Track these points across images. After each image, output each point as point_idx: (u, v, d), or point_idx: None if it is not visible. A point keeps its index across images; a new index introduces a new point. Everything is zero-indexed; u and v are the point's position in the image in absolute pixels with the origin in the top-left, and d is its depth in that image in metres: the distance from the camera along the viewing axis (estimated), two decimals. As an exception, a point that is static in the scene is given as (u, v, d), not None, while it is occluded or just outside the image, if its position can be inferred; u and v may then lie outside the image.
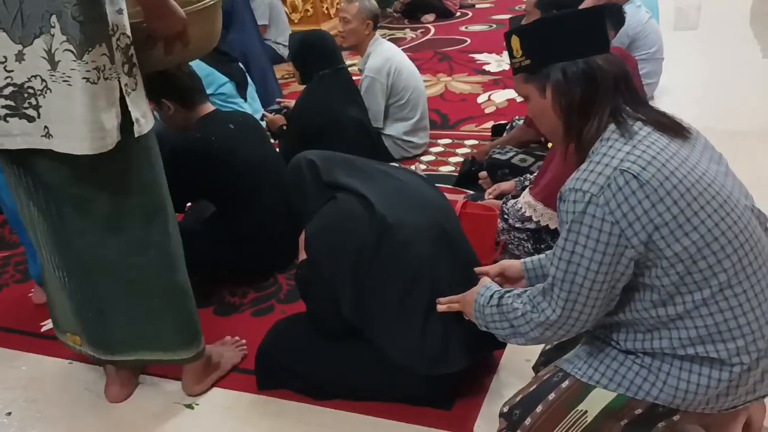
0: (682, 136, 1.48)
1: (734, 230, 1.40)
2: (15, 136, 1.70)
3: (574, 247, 1.41)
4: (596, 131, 1.46)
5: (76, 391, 2.21)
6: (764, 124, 4.01)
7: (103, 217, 1.84)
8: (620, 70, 1.49)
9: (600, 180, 1.38)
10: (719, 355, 1.42)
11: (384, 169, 2.10)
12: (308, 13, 6.60)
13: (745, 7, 7.46)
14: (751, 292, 1.42)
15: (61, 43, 1.59)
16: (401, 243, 1.88)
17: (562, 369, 1.61)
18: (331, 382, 2.02)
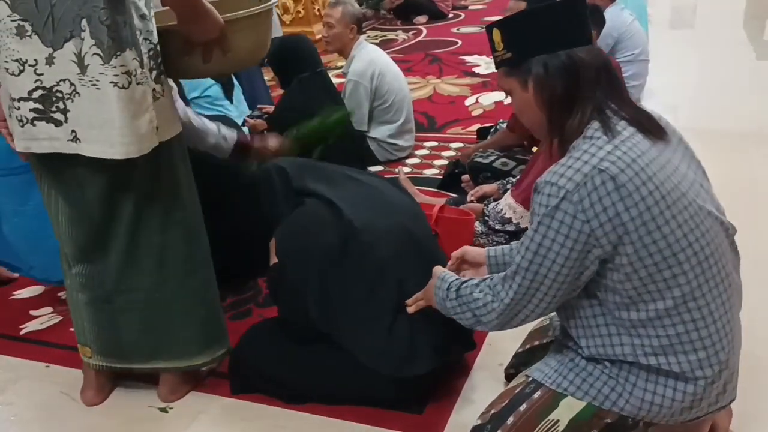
0: (663, 140, 1.47)
1: (701, 242, 1.40)
2: (41, 140, 1.72)
3: (543, 240, 1.41)
4: (579, 125, 1.44)
5: (52, 395, 2.21)
6: (759, 126, 4.03)
7: (129, 221, 1.87)
8: (602, 62, 1.47)
9: (577, 177, 1.36)
10: (681, 368, 1.43)
11: (353, 175, 2.13)
12: (300, 15, 6.60)
13: (740, 9, 7.48)
14: (713, 305, 1.42)
15: (90, 47, 1.61)
16: (367, 246, 1.90)
17: (534, 379, 1.61)
18: (303, 386, 2.03)
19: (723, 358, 1.44)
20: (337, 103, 3.36)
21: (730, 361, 1.48)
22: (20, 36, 1.63)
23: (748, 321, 2.25)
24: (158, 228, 1.91)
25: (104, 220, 1.87)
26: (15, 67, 1.66)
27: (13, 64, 1.66)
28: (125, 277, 1.95)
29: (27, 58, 1.64)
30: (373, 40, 6.59)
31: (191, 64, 1.81)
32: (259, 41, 1.92)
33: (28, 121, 1.70)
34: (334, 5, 3.68)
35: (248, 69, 4.46)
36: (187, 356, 2.08)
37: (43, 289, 2.82)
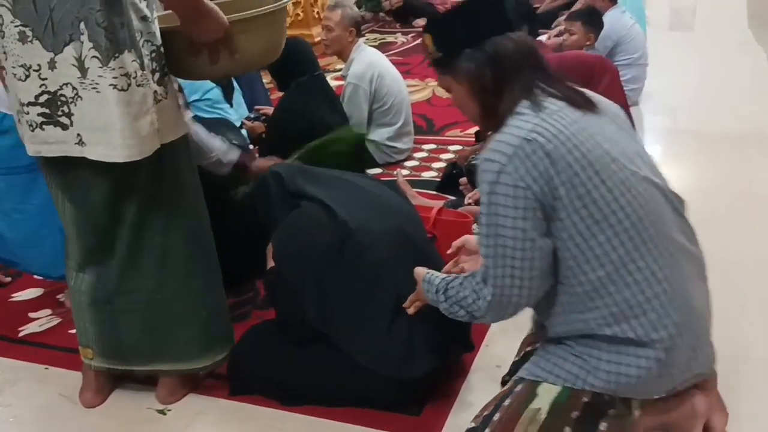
0: (594, 112, 1.54)
1: (633, 206, 1.44)
2: (51, 143, 1.74)
3: (496, 219, 1.45)
4: (509, 106, 1.51)
5: (50, 396, 2.22)
6: (759, 128, 4.04)
7: (132, 223, 1.89)
8: (525, 45, 1.56)
9: (508, 150, 1.43)
10: (636, 333, 1.46)
11: (348, 178, 2.15)
12: (299, 17, 6.61)
13: (741, 10, 7.49)
14: (655, 266, 1.46)
15: (89, 50, 1.62)
16: (363, 247, 1.91)
17: (520, 377, 1.65)
18: (301, 388, 2.04)
19: (677, 318, 1.46)
20: (336, 107, 3.36)
21: (691, 323, 1.49)
22: (22, 41, 1.64)
23: (749, 322, 2.29)
24: (161, 230, 1.92)
25: (109, 221, 1.89)
26: (21, 72, 1.68)
27: (19, 70, 1.68)
28: (127, 278, 1.96)
29: (31, 63, 1.66)
30: (372, 43, 6.60)
31: (198, 65, 1.81)
32: (269, 42, 1.90)
33: (37, 126, 1.72)
34: (333, 8, 3.69)
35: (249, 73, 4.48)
36: (188, 359, 2.08)
37: (42, 291, 2.82)
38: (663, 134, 4.17)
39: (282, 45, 1.96)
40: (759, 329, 2.28)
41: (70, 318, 2.57)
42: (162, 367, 2.09)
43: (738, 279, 2.55)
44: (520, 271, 1.47)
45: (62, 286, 2.79)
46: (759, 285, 2.53)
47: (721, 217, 3.03)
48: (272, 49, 1.93)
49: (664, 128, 4.24)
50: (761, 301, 2.43)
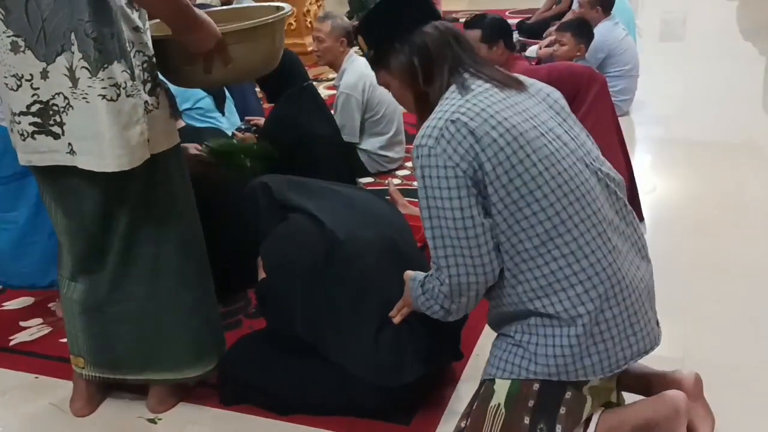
0: (522, 92, 1.59)
1: (557, 180, 1.48)
2: (43, 153, 1.75)
3: (435, 202, 1.49)
4: (439, 92, 1.58)
5: (41, 406, 2.21)
6: (749, 137, 4.08)
7: (124, 232, 1.89)
8: (450, 32, 1.63)
9: (435, 132, 1.48)
10: (562, 305, 1.49)
11: (337, 189, 2.16)
12: (291, 27, 6.63)
13: (731, 21, 7.56)
14: (582, 240, 1.49)
15: (79, 60, 1.63)
16: (351, 258, 1.92)
17: (482, 378, 1.68)
18: (292, 397, 2.04)
19: (601, 291, 1.49)
20: (327, 117, 3.38)
21: (621, 298, 1.51)
22: (14, 51, 1.65)
23: (737, 329, 2.31)
24: (153, 239, 1.93)
25: (101, 230, 1.89)
26: (13, 82, 1.69)
27: (11, 80, 1.69)
28: (119, 286, 1.97)
29: (23, 73, 1.67)
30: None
31: (193, 73, 1.84)
32: (264, 53, 1.92)
33: (28, 135, 1.73)
34: (323, 19, 3.73)
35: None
36: (179, 368, 2.08)
37: (33, 300, 2.82)
38: (654, 143, 4.21)
39: (279, 56, 1.99)
40: (747, 336, 2.31)
41: (61, 327, 2.58)
42: (153, 376, 2.09)
43: (726, 286, 2.58)
44: (468, 250, 1.49)
45: (53, 295, 2.79)
46: (745, 292, 2.55)
47: (711, 225, 3.07)
48: (268, 59, 1.96)
49: (655, 137, 4.28)
50: (749, 309, 2.46)
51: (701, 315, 2.41)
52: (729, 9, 8.39)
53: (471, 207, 1.47)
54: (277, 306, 2.00)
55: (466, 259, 1.50)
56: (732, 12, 8.22)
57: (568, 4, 6.84)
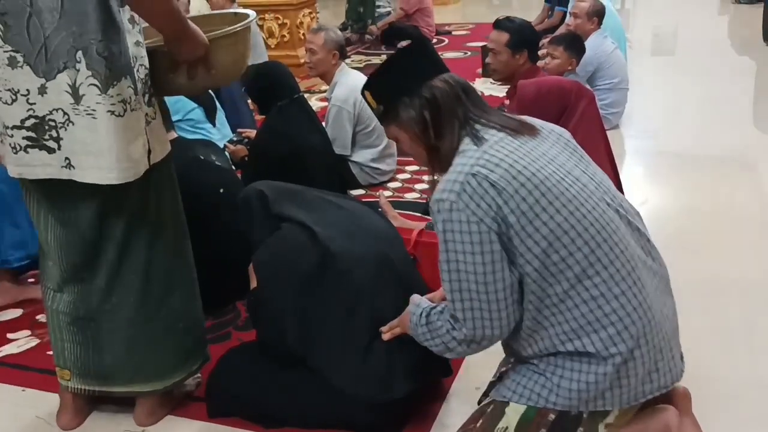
0: (536, 137, 1.58)
1: (583, 223, 1.47)
2: (35, 166, 1.75)
3: (455, 256, 1.48)
4: (451, 145, 1.57)
5: (27, 419, 2.20)
6: (740, 152, 4.10)
7: (120, 241, 1.90)
8: (458, 84, 1.62)
9: (456, 187, 1.47)
10: (595, 347, 1.48)
11: (332, 200, 2.16)
12: (284, 39, 6.65)
13: (722, 36, 7.61)
14: (611, 281, 1.48)
15: (87, 78, 1.65)
16: (343, 271, 1.92)
17: (492, 398, 1.67)
18: (280, 411, 2.03)
19: (634, 331, 1.48)
20: (318, 129, 3.39)
21: (650, 336, 1.51)
22: (12, 66, 1.66)
23: (728, 343, 2.31)
24: (146, 246, 1.94)
25: (96, 239, 1.89)
26: (8, 96, 1.69)
27: (5, 94, 1.69)
28: (111, 295, 1.96)
29: (19, 88, 1.68)
30: (357, 65, 6.66)
31: (176, 81, 1.86)
32: (241, 57, 1.97)
33: (21, 149, 1.74)
34: (316, 31, 3.74)
35: (232, 93, 4.51)
36: (166, 375, 2.07)
37: (21, 311, 2.81)
38: (643, 157, 4.22)
39: (248, 59, 2.03)
40: (736, 351, 2.31)
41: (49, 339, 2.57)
42: (141, 388, 2.08)
43: (716, 300, 2.58)
44: (487, 304, 1.49)
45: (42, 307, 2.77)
46: (737, 306, 2.56)
47: (701, 238, 3.08)
48: (243, 63, 2.00)
49: (645, 151, 4.30)
50: (739, 322, 2.46)
51: (690, 328, 2.39)
52: (720, 23, 8.46)
53: (494, 263, 1.46)
54: (267, 316, 2.00)
55: (484, 312, 1.50)
56: (723, 26, 8.29)
57: (559, 18, 6.90)
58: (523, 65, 3.37)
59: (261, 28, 6.36)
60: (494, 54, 3.41)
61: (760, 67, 6.07)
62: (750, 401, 2.07)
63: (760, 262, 2.86)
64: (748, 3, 8.78)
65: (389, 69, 1.65)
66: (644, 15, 9.61)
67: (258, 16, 6.31)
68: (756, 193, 3.56)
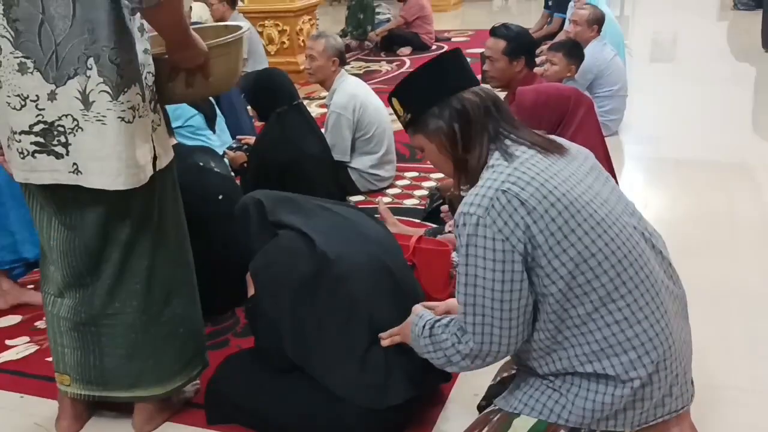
0: (565, 156, 1.57)
1: (611, 246, 1.46)
2: (42, 171, 1.77)
3: (475, 270, 1.46)
4: (479, 159, 1.55)
5: (25, 426, 2.19)
6: (739, 158, 4.11)
7: (124, 246, 1.91)
8: (489, 97, 1.60)
9: (484, 202, 1.45)
10: (615, 370, 1.48)
11: (329, 207, 2.16)
12: (284, 46, 6.68)
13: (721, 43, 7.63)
14: (635, 305, 1.47)
15: (98, 85, 1.68)
16: (340, 278, 1.92)
17: (498, 407, 1.66)
18: (278, 418, 2.02)
19: (655, 357, 1.48)
20: (317, 136, 3.39)
21: (669, 362, 1.51)
22: (22, 72, 1.68)
23: (726, 351, 2.31)
24: (148, 252, 1.95)
25: (99, 245, 1.90)
26: (17, 101, 1.71)
27: (14, 99, 1.71)
28: (114, 300, 1.96)
29: (28, 94, 1.70)
30: (356, 71, 6.67)
31: (174, 89, 1.89)
32: (236, 66, 2.02)
33: (29, 154, 1.75)
34: (316, 38, 3.75)
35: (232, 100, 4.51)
36: (167, 380, 2.07)
37: (20, 318, 2.81)
38: (642, 163, 4.23)
39: (241, 68, 2.08)
40: (736, 358, 2.31)
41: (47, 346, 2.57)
42: (141, 393, 2.07)
43: (716, 307, 2.58)
44: (499, 321, 1.48)
45: (41, 314, 2.78)
46: (737, 313, 2.56)
47: (700, 245, 3.08)
48: (238, 72, 2.05)
49: (644, 157, 4.31)
50: (738, 330, 2.46)
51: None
52: (719, 30, 8.48)
53: (513, 281, 1.45)
54: (265, 323, 2.00)
55: (494, 329, 1.49)
56: (722, 33, 8.30)
57: (558, 25, 6.92)
58: (520, 72, 3.38)
59: (261, 34, 6.39)
60: (491, 61, 3.42)
61: (759, 74, 6.09)
62: (750, 408, 2.07)
63: (760, 269, 2.86)
64: (747, 10, 8.82)
65: (421, 77, 1.63)
66: (643, 22, 9.64)
67: (258, 23, 6.38)
68: (755, 199, 3.56)
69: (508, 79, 3.41)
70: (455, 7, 11.17)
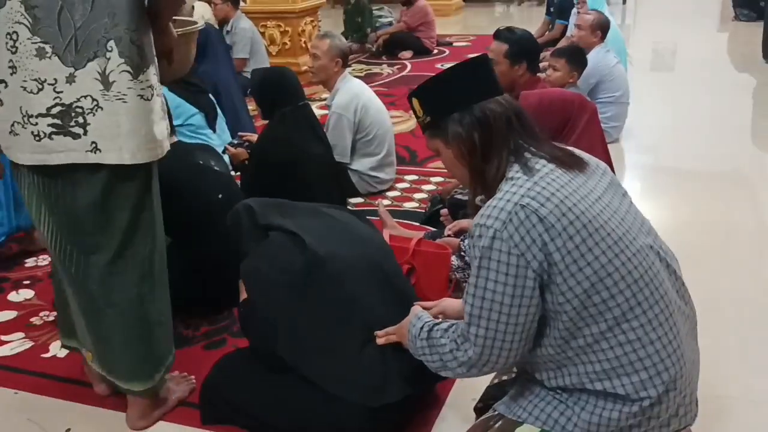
0: (585, 172, 1.54)
1: (627, 266, 1.45)
2: (59, 152, 1.81)
3: (486, 283, 1.44)
4: (497, 171, 1.52)
5: (18, 423, 2.17)
6: (738, 167, 4.11)
7: (123, 230, 1.92)
8: (512, 108, 1.57)
9: (502, 215, 1.42)
10: (625, 389, 1.46)
11: (321, 210, 2.17)
12: (286, 46, 6.67)
13: (721, 53, 7.65)
14: (648, 326, 1.46)
15: (118, 65, 1.77)
16: (332, 277, 1.92)
17: (499, 412, 1.65)
18: (274, 418, 2.01)
19: (666, 378, 1.47)
20: (320, 137, 3.38)
21: (679, 383, 1.50)
22: (40, 57, 1.73)
23: (724, 360, 2.30)
24: (145, 240, 1.97)
25: (103, 222, 1.90)
26: (34, 85, 1.75)
27: (31, 83, 1.75)
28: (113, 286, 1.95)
29: (46, 78, 1.75)
30: (357, 74, 6.66)
31: None
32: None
33: (45, 136, 1.79)
34: (322, 37, 3.74)
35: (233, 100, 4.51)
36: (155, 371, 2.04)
37: (16, 314, 2.78)
38: (642, 171, 4.23)
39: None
40: (734, 367, 2.30)
41: (43, 342, 2.56)
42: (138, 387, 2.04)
43: (714, 316, 2.56)
44: (503, 334, 1.47)
45: (36, 310, 2.79)
46: (734, 322, 2.55)
47: (698, 254, 3.06)
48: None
49: (644, 165, 4.31)
50: (736, 339, 2.45)
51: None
52: (719, 40, 8.50)
53: (523, 297, 1.43)
54: (258, 325, 1.99)
55: (497, 341, 1.48)
56: (722, 43, 8.33)
57: (560, 32, 6.92)
58: (522, 76, 3.37)
59: (263, 35, 6.38)
60: (493, 65, 3.41)
61: (759, 84, 6.10)
62: (745, 419, 2.06)
63: (756, 280, 2.85)
64: (748, 21, 8.84)
65: (445, 80, 1.60)
66: (644, 31, 9.67)
67: (260, 24, 6.38)
68: (752, 209, 3.56)
69: (510, 83, 3.40)
70: (457, 12, 11.19)
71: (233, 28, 5.74)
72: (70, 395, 2.26)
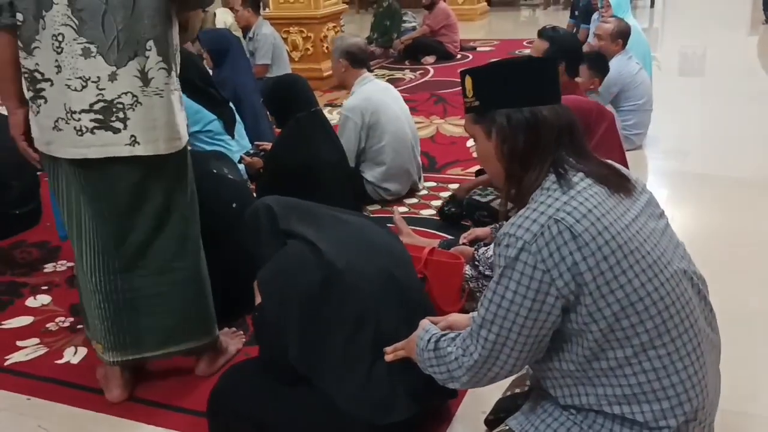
0: (623, 190, 1.47)
1: (660, 292, 1.39)
2: (99, 146, 1.95)
3: (505, 292, 1.40)
4: (535, 180, 1.45)
5: (30, 429, 2.19)
6: (765, 175, 4.02)
7: (158, 210, 2.10)
8: (566, 122, 1.48)
9: (534, 228, 1.37)
10: (644, 417, 1.41)
11: (340, 216, 2.13)
12: (308, 52, 6.69)
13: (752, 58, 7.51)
14: (675, 355, 1.41)
15: (157, 63, 1.95)
16: (347, 289, 1.89)
17: (510, 428, 1.61)
18: (281, 429, 2.00)
19: (688, 409, 1.42)
20: (334, 143, 3.37)
21: (700, 414, 1.45)
22: (85, 56, 1.88)
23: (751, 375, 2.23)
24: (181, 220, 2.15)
25: (138, 205, 2.07)
26: (78, 83, 1.90)
27: (76, 81, 1.90)
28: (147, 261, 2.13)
29: (90, 76, 1.90)
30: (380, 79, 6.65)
31: None
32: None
33: (88, 130, 1.93)
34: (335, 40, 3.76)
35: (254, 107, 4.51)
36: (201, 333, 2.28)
37: (32, 319, 2.81)
38: (666, 178, 4.15)
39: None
40: (762, 383, 2.23)
41: (57, 348, 2.57)
42: (174, 348, 2.24)
43: (741, 328, 2.49)
44: (513, 343, 1.43)
45: (52, 315, 2.80)
46: (762, 334, 2.48)
47: (722, 264, 2.98)
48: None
49: (668, 172, 4.23)
50: (764, 352, 2.38)
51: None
52: (749, 45, 8.35)
53: (540, 312, 1.38)
54: (270, 333, 1.97)
55: (505, 348, 1.44)
56: (752, 48, 8.18)
57: (585, 36, 6.84)
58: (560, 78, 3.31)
59: (285, 41, 6.39)
60: None
61: (790, 90, 5.97)
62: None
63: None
64: (779, 24, 8.68)
65: (507, 71, 1.52)
66: (672, 35, 9.53)
67: (282, 30, 6.40)
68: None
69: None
70: (482, 17, 11.12)
71: (255, 35, 5.77)
72: (82, 402, 2.28)
